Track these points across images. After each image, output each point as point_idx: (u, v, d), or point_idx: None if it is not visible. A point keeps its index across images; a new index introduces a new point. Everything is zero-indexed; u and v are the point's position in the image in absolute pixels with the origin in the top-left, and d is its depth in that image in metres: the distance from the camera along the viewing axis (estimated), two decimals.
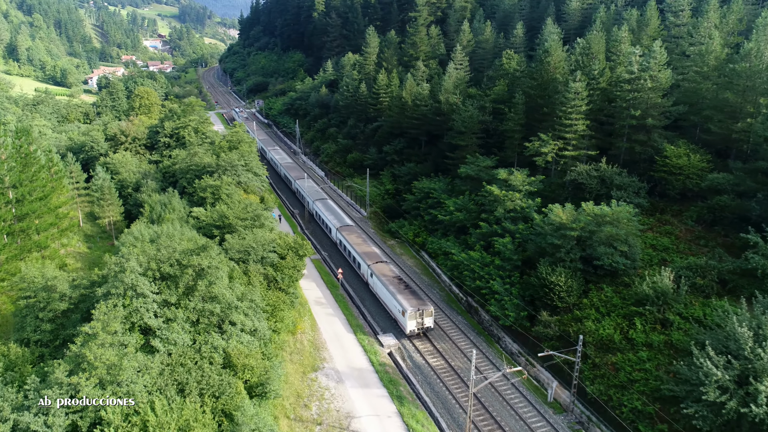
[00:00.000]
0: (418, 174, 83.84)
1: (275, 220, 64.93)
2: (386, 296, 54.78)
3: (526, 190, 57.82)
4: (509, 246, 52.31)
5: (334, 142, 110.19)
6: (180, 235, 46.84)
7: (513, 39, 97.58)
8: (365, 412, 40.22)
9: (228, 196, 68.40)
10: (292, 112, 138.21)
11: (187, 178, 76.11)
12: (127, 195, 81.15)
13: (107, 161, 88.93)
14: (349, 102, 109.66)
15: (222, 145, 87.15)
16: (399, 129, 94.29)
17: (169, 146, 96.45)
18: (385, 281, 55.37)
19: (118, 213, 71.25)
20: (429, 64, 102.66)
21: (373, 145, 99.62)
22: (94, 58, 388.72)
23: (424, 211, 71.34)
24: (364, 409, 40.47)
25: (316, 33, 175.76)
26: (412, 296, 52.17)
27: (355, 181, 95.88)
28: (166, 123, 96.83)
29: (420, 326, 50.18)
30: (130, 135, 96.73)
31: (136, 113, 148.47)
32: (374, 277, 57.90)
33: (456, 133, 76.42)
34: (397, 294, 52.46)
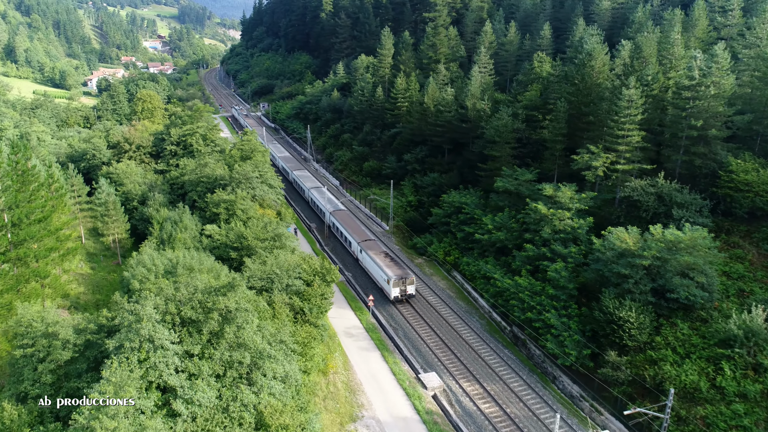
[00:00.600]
0: (443, 185, 78.37)
1: (294, 237, 59.42)
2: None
3: (575, 208, 52.34)
4: (563, 273, 46.83)
5: (349, 149, 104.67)
6: (198, 264, 41.31)
7: (540, 41, 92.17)
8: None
9: (243, 211, 62.95)
10: (301, 117, 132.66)
11: (197, 192, 70.57)
12: (133, 209, 75.58)
13: (110, 172, 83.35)
14: (364, 107, 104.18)
15: (233, 155, 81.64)
16: (420, 136, 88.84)
17: (176, 154, 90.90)
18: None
19: (123, 230, 65.72)
20: (449, 67, 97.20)
21: (392, 153, 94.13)
22: (94, 59, 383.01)
23: (455, 228, 65.84)
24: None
25: (323, 34, 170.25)
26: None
27: (373, 191, 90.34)
28: (173, 130, 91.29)
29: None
30: (134, 143, 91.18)
31: (138, 118, 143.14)
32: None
33: (487, 143, 70.98)
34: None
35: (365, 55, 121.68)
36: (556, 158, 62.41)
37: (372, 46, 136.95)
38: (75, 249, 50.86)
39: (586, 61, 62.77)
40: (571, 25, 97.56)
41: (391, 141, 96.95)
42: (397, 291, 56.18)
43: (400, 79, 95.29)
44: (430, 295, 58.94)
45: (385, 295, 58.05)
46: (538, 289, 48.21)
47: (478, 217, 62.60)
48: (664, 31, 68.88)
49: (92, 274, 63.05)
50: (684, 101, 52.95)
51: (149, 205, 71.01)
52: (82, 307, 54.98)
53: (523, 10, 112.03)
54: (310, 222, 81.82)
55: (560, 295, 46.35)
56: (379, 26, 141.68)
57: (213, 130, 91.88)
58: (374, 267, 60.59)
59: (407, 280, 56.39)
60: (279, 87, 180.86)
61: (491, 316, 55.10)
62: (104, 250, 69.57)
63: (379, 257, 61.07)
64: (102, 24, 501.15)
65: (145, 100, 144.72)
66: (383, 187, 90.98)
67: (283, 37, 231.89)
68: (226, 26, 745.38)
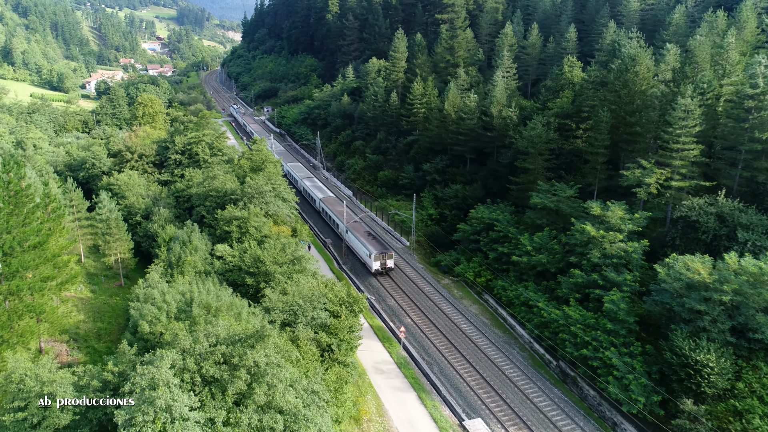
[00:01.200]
0: (467, 198, 73.43)
1: (314, 258, 54.35)
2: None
3: (627, 229, 47.39)
4: (622, 305, 41.83)
5: (362, 157, 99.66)
6: (215, 299, 36.22)
7: (565, 44, 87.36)
8: None
9: (257, 229, 57.93)
10: (309, 122, 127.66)
11: (206, 206, 65.47)
12: (136, 224, 70.48)
13: (111, 183, 78.25)
14: (377, 113, 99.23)
15: (243, 165, 76.59)
16: (440, 145, 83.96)
17: (180, 164, 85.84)
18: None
19: (126, 249, 60.53)
20: (468, 72, 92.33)
21: (409, 162, 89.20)
22: (92, 61, 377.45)
23: (486, 246, 60.85)
24: None
25: (329, 36, 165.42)
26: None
27: (390, 203, 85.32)
28: (177, 138, 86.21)
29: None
30: (136, 151, 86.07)
31: (139, 123, 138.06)
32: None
33: (518, 154, 66.14)
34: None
35: (376, 59, 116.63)
36: (597, 172, 57.48)
37: (382, 49, 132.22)
38: (75, 276, 45.71)
39: (629, 67, 57.87)
40: (596, 27, 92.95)
41: (408, 149, 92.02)
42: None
43: (417, 84, 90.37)
44: (463, 322, 53.92)
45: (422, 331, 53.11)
46: (592, 321, 43.19)
47: (512, 236, 57.60)
48: (706, 34, 64.10)
49: (92, 299, 57.90)
50: (745, 112, 48.07)
51: (154, 221, 65.94)
52: (82, 338, 49.92)
53: (542, 11, 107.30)
54: (324, 236, 76.73)
55: (619, 329, 41.35)
56: (388, 28, 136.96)
57: (220, 139, 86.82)
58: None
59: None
60: (283, 90, 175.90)
61: (533, 347, 50.10)
62: (105, 270, 64.37)
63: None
64: (100, 25, 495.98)
65: (146, 104, 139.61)
66: (400, 198, 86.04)
67: (286, 39, 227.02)
68: (225, 28, 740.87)
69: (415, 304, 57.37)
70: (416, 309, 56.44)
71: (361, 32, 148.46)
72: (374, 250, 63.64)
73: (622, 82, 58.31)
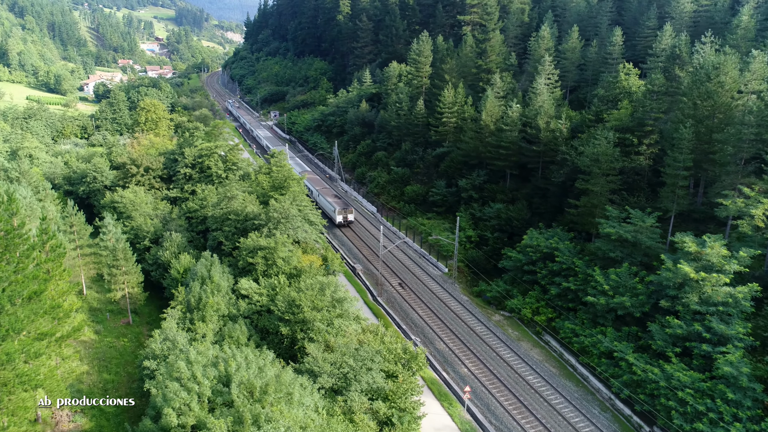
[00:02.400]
0: (511, 220, 66.12)
1: (355, 299, 46.90)
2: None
3: (732, 269, 40.12)
4: (744, 368, 34.50)
5: (385, 169, 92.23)
6: (258, 373, 28.69)
7: (610, 48, 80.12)
8: None
9: (285, 261, 50.51)
10: (323, 130, 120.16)
11: (224, 232, 57.96)
12: (144, 249, 63.05)
13: (115, 201, 70.78)
14: (401, 122, 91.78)
15: (261, 181, 69.20)
16: (475, 158, 76.64)
17: (191, 178, 78.38)
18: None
19: (135, 282, 53.01)
20: (503, 78, 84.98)
21: (440, 177, 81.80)
22: (90, 62, 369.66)
23: (545, 279, 53.53)
24: None
25: (340, 38, 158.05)
26: None
27: (419, 221, 77.95)
28: (187, 150, 78.69)
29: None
30: (142, 164, 78.47)
31: (141, 129, 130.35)
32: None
33: (574, 172, 58.91)
34: None
35: (396, 63, 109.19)
36: (675, 196, 50.18)
37: (400, 52, 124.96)
38: (78, 328, 38.17)
39: (711, 76, 50.62)
40: (640, 29, 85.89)
41: (438, 162, 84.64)
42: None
43: (447, 91, 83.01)
44: (527, 372, 46.55)
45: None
46: (705, 386, 35.82)
47: (579, 269, 50.24)
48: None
49: (97, 341, 50.37)
50: None
51: (165, 248, 58.48)
52: (87, 394, 42.41)
53: (576, 12, 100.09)
54: (352, 260, 69.27)
55: (744, 400, 34.01)
56: (406, 30, 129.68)
57: (234, 151, 79.30)
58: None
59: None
60: (291, 94, 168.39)
61: (615, 405, 42.75)
62: (110, 304, 56.82)
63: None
64: (98, 26, 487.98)
65: (149, 109, 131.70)
66: (431, 216, 78.66)
67: (292, 40, 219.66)
68: (223, 28, 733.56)
69: (469, 348, 49.95)
70: (471, 355, 49.03)
71: (376, 34, 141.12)
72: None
73: (702, 93, 51.03)
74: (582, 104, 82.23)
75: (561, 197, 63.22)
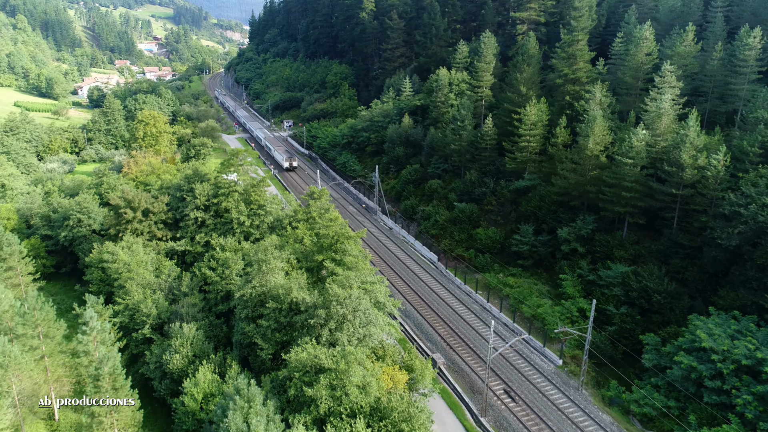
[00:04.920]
0: (648, 291, 48.07)
1: None
2: None
3: None
4: None
5: (443, 203, 74.07)
6: None
7: (746, 52, 61.94)
8: None
9: (363, 391, 32.54)
10: (354, 148, 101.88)
11: (260, 328, 39.74)
12: (142, 340, 45.02)
13: (105, 260, 52.69)
14: (463, 145, 73.56)
15: (299, 235, 51.16)
16: (577, 198, 58.64)
17: (204, 225, 60.32)
18: None
19: (132, 422, 34.74)
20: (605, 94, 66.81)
21: (522, 219, 63.74)
22: (85, 63, 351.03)
23: (750, 409, 35.44)
24: None
25: (364, 38, 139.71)
26: None
27: (501, 280, 59.92)
28: (198, 187, 60.48)
29: None
30: (140, 206, 60.19)
31: (139, 145, 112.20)
32: None
33: (756, 232, 41.01)
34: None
35: (446, 69, 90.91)
36: None
37: (440, 56, 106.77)
38: None
39: None
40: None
41: (516, 198, 66.64)
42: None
43: (531, 108, 64.85)
44: None
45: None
46: None
47: None
48: None
49: None
50: None
51: (174, 348, 40.39)
52: None
53: (668, 6, 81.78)
54: (425, 344, 50.95)
55: None
56: (447, 29, 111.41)
57: (258, 188, 61.06)
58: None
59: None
60: (307, 102, 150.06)
61: None
62: None
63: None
64: (94, 25, 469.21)
65: (148, 122, 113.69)
66: (516, 271, 60.59)
67: (302, 40, 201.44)
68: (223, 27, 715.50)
69: None
70: None
71: (408, 34, 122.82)
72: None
73: None
74: (704, 126, 64.18)
75: (727, 264, 45.28)
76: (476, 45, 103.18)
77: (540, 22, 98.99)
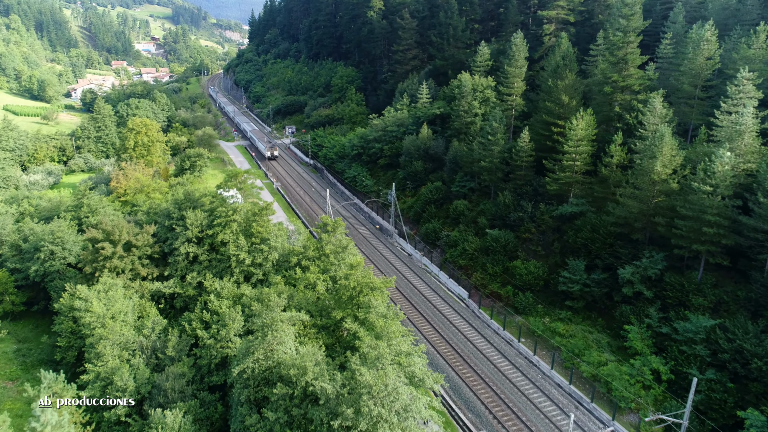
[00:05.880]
0: (744, 353, 38.81)
1: None
2: None
3: None
4: None
5: (472, 228, 64.81)
6: None
7: None
8: None
9: None
10: (365, 160, 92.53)
11: (266, 423, 30.40)
12: (116, 422, 35.73)
13: (77, 308, 43.42)
14: (496, 163, 64.25)
15: (312, 281, 41.94)
16: (640, 231, 49.35)
17: (196, 261, 51.06)
18: None
19: None
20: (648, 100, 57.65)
21: (567, 251, 54.48)
22: (80, 64, 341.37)
23: None
24: None
25: (372, 39, 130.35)
26: None
27: (547, 325, 50.70)
28: (189, 216, 51.20)
29: None
30: (122, 239, 50.75)
31: (129, 156, 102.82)
32: None
33: None
34: None
35: (469, 74, 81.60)
36: None
37: (458, 58, 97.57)
38: None
39: None
40: None
41: (560, 226, 57.36)
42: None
43: (579, 122, 55.52)
44: None
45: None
46: None
47: None
48: None
49: None
50: None
51: None
52: None
53: (720, 5, 72.58)
54: (459, 406, 41.65)
55: None
56: (465, 29, 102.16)
57: (262, 215, 51.68)
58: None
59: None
60: (311, 107, 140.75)
61: None
62: None
63: None
64: (90, 25, 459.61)
65: (139, 131, 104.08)
66: (564, 314, 51.34)
67: (305, 41, 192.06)
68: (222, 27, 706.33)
69: None
70: None
71: (421, 35, 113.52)
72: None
73: None
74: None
75: None
76: (498, 46, 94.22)
77: (569, 21, 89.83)
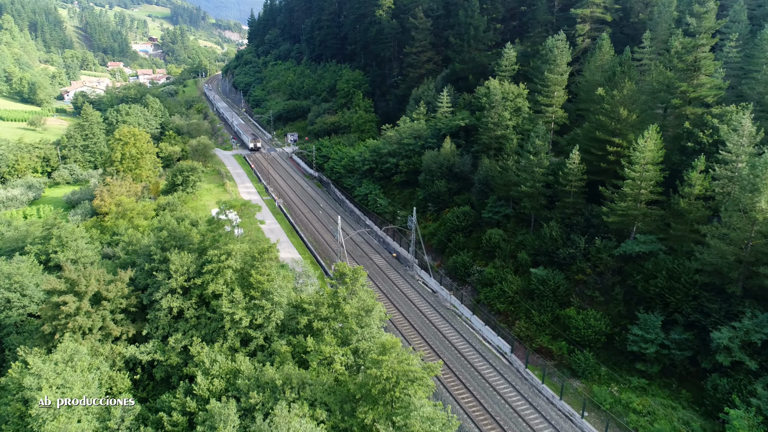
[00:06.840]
0: None
1: None
2: None
3: None
4: None
5: (510, 264, 54.92)
6: None
7: None
8: None
9: None
10: (377, 176, 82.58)
11: None
12: None
13: (26, 387, 33.56)
14: (539, 187, 54.35)
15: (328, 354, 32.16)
16: (737, 283, 39.49)
17: (181, 318, 41.18)
18: None
19: None
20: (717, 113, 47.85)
21: (632, 298, 44.63)
22: (75, 66, 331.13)
23: None
24: None
25: (381, 40, 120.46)
26: None
27: (615, 397, 40.92)
28: (174, 260, 41.31)
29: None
30: (89, 291, 40.69)
31: (116, 169, 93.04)
32: None
33: None
34: None
35: (497, 80, 71.73)
36: None
37: (479, 62, 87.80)
38: None
39: None
40: None
41: (622, 267, 47.47)
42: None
43: (648, 142, 45.61)
44: None
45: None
46: None
47: None
48: None
49: None
50: None
51: None
52: None
53: None
54: None
55: None
56: (488, 29, 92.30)
57: (263, 260, 41.74)
58: None
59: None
60: (315, 113, 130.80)
61: None
62: None
63: None
64: (86, 25, 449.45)
65: (127, 141, 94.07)
66: (637, 382, 41.50)
67: (306, 42, 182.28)
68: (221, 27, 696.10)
69: None
70: None
71: (436, 36, 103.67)
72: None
73: None
74: None
75: None
76: (524, 48, 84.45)
77: (605, 20, 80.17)
